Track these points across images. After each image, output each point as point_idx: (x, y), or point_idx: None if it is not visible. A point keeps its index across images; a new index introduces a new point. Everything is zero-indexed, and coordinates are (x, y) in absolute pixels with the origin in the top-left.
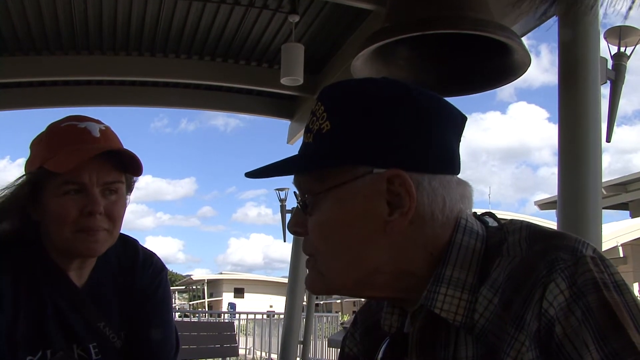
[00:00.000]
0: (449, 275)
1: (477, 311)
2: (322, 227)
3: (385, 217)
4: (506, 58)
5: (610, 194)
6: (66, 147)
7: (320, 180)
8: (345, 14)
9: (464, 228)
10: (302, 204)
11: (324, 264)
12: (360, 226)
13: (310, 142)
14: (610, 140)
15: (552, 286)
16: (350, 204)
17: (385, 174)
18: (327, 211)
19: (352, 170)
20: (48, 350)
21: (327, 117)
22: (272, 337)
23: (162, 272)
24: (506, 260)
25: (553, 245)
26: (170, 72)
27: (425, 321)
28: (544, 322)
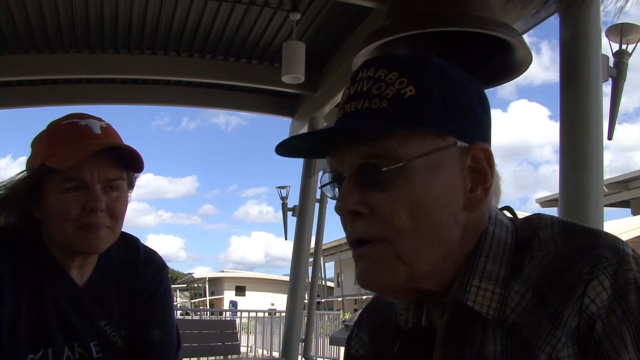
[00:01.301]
0: (482, 268)
1: (508, 305)
2: (408, 202)
3: (467, 192)
4: (507, 56)
5: (611, 191)
6: (67, 144)
7: (405, 147)
8: (347, 12)
9: (495, 219)
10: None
11: (407, 248)
12: (448, 201)
13: (383, 107)
14: (612, 137)
15: (595, 283)
16: (436, 175)
17: (472, 147)
18: (416, 183)
19: (437, 140)
20: (49, 349)
21: (408, 82)
22: (274, 335)
23: (163, 270)
24: (539, 256)
25: (594, 243)
26: (171, 70)
27: (454, 314)
28: (585, 319)
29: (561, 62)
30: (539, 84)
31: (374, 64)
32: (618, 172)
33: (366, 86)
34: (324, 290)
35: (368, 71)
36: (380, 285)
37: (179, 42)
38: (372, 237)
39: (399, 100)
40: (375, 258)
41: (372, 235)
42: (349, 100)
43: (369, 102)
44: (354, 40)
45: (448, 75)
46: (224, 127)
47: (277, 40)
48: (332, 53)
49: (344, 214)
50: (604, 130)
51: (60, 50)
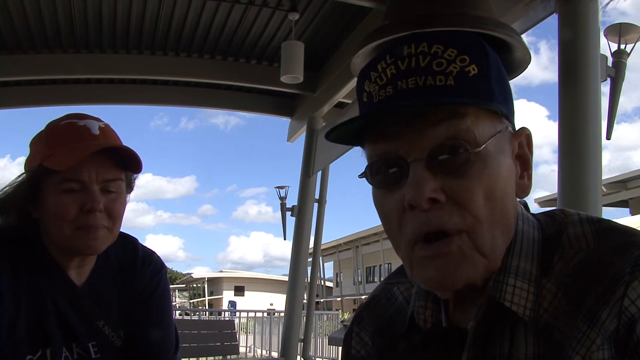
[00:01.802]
0: (516, 265)
1: (541, 306)
2: (484, 188)
3: (517, 179)
4: (506, 55)
5: (610, 191)
6: (66, 144)
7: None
8: (345, 11)
9: (522, 215)
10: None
11: (486, 239)
12: (510, 187)
13: (450, 84)
14: (610, 137)
15: (636, 284)
16: (502, 159)
17: (519, 132)
18: (488, 168)
19: (496, 122)
20: (48, 349)
21: (470, 60)
22: (273, 335)
23: (162, 270)
24: (569, 253)
25: (632, 242)
26: (170, 70)
27: (486, 315)
28: (624, 320)
29: (560, 61)
30: (538, 83)
31: (425, 39)
32: (616, 172)
33: (423, 61)
34: (323, 290)
35: (419, 46)
36: (460, 284)
37: (177, 42)
38: (451, 228)
39: (465, 78)
40: (457, 254)
41: (451, 226)
42: (402, 76)
43: (432, 79)
44: (352, 40)
45: (496, 58)
46: (223, 127)
47: (275, 40)
48: (330, 53)
49: (423, 203)
50: (603, 130)
51: (58, 50)
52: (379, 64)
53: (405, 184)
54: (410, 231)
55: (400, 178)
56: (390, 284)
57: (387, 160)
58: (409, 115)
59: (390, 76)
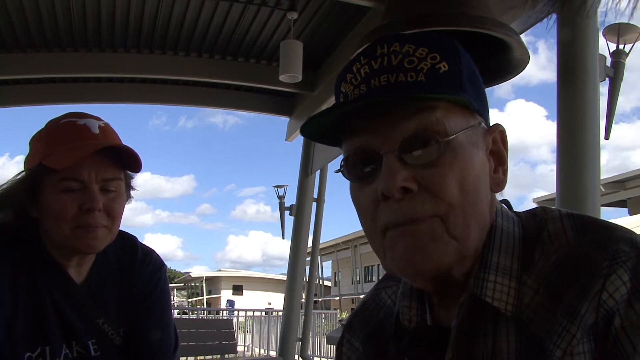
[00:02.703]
0: (496, 262)
1: (522, 301)
2: (456, 176)
3: (492, 173)
4: (505, 55)
5: (608, 191)
6: (65, 143)
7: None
8: (344, 11)
9: (501, 212)
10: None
11: (459, 223)
12: (483, 178)
13: (421, 80)
14: (609, 137)
15: (614, 278)
16: (474, 151)
17: (493, 128)
18: (460, 157)
19: (469, 117)
20: (47, 347)
21: (440, 58)
22: (271, 334)
23: (161, 269)
24: (550, 249)
25: (611, 237)
26: (168, 69)
27: (468, 312)
28: (602, 313)
29: (558, 61)
30: (536, 83)
31: (397, 40)
32: (615, 172)
33: (395, 60)
34: (321, 290)
35: (391, 46)
36: (428, 266)
37: (176, 41)
38: (421, 214)
39: (435, 75)
40: (427, 234)
41: (423, 213)
42: (375, 75)
43: (404, 76)
44: (351, 40)
45: (467, 56)
46: (222, 126)
47: (274, 39)
48: (329, 52)
49: (395, 192)
50: (601, 130)
51: (57, 49)
52: (354, 66)
53: (379, 176)
54: (384, 220)
55: (374, 171)
56: (378, 289)
57: (361, 155)
58: (380, 110)
59: (364, 75)
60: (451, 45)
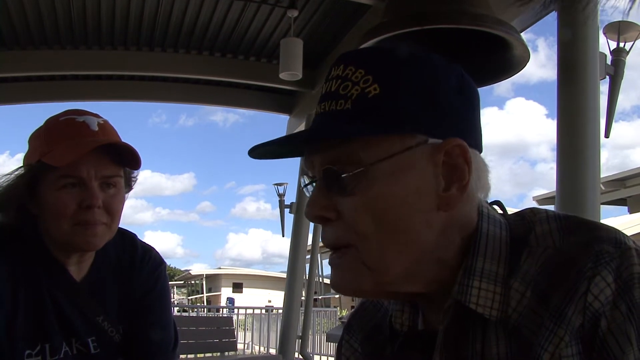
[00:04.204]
0: (481, 267)
1: (510, 305)
2: (372, 207)
3: (441, 192)
4: (505, 53)
5: (608, 189)
6: (64, 140)
7: (367, 151)
8: (344, 8)
9: (487, 216)
10: (338, 182)
11: (373, 254)
12: (417, 203)
13: (347, 108)
14: (609, 135)
15: (598, 279)
16: (404, 177)
17: (444, 144)
18: (380, 187)
19: (404, 139)
20: (47, 344)
21: (373, 80)
22: (271, 332)
23: (161, 266)
24: (537, 252)
25: (595, 237)
26: (168, 67)
27: (454, 317)
28: (589, 316)
29: (559, 59)
30: (536, 81)
31: (344, 61)
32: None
33: (334, 86)
34: (321, 287)
35: (337, 69)
36: (351, 292)
37: (176, 38)
38: (339, 243)
39: (362, 101)
40: (344, 265)
41: (339, 241)
42: (320, 101)
43: (335, 103)
44: (351, 37)
45: (419, 69)
46: (222, 124)
47: (274, 37)
48: (329, 50)
49: (311, 219)
50: (601, 128)
51: (57, 46)
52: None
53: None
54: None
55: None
56: None
57: (308, 177)
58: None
59: (320, 99)
60: (391, 63)
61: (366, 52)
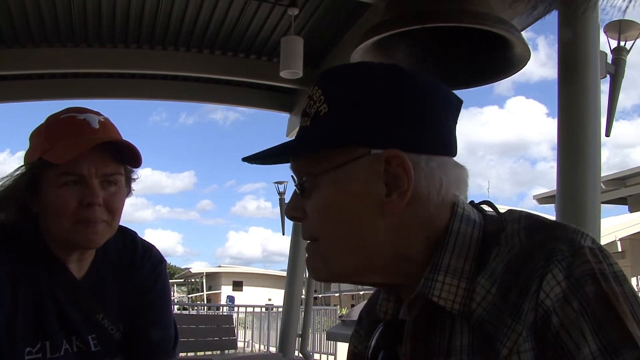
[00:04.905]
0: (447, 263)
1: (474, 300)
2: (321, 210)
3: (383, 198)
4: (506, 52)
5: (608, 188)
6: (65, 138)
7: (319, 163)
8: (345, 7)
9: (461, 216)
10: (300, 188)
11: (327, 249)
12: (359, 208)
13: (308, 125)
14: (610, 134)
15: (549, 277)
16: (349, 185)
17: (383, 154)
18: (326, 193)
19: (351, 151)
20: (47, 342)
21: (324, 100)
22: (271, 330)
23: (161, 264)
24: (505, 250)
25: (551, 236)
26: (169, 65)
27: (422, 309)
28: (541, 313)
29: (559, 58)
30: (536, 80)
31: (314, 80)
32: (615, 169)
33: (306, 104)
34: (321, 286)
35: (310, 89)
36: (315, 278)
37: (177, 36)
38: (306, 237)
39: (317, 119)
40: (310, 255)
41: (305, 236)
42: (301, 116)
43: (303, 121)
44: (352, 36)
45: (361, 86)
46: (222, 122)
47: (275, 35)
48: (330, 48)
49: (288, 218)
50: (602, 127)
51: (57, 44)
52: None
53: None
54: None
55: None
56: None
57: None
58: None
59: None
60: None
61: (327, 72)
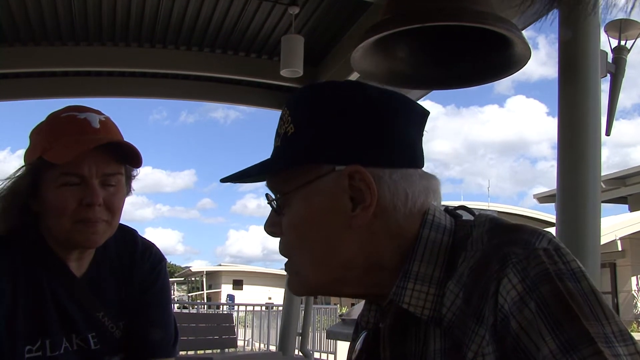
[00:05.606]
0: (416, 271)
1: (444, 305)
2: (292, 226)
3: (349, 212)
4: (506, 51)
5: (609, 187)
6: (66, 137)
7: (289, 181)
8: (346, 5)
9: (431, 223)
10: (274, 205)
11: (298, 263)
12: (327, 223)
13: (278, 145)
14: (610, 133)
15: (505, 281)
16: (316, 201)
17: (345, 170)
18: (296, 210)
19: (316, 169)
20: (47, 340)
21: (291, 120)
22: (271, 328)
23: (161, 262)
24: (470, 254)
25: (507, 240)
26: (169, 64)
27: (395, 316)
28: (500, 317)
29: (560, 57)
30: (536, 79)
31: (285, 102)
32: (615, 169)
33: (279, 124)
34: None
35: (282, 110)
36: (292, 292)
37: (177, 35)
38: (282, 254)
39: (285, 139)
40: (287, 271)
41: (282, 252)
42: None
43: (276, 141)
44: (352, 35)
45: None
46: (223, 121)
47: (275, 33)
48: (330, 47)
49: (267, 233)
50: (602, 126)
51: (58, 42)
52: None
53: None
54: None
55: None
56: None
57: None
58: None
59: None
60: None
61: (295, 94)
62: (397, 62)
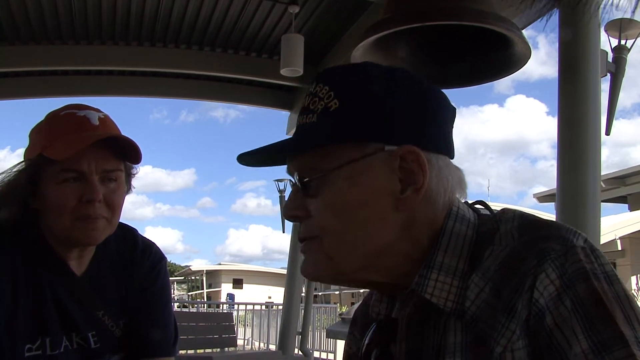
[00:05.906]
0: (440, 261)
1: (468, 298)
2: (330, 206)
3: (398, 194)
4: (506, 50)
5: (608, 187)
6: (65, 135)
7: (326, 159)
8: (346, 5)
9: (456, 215)
10: (305, 186)
11: (333, 245)
12: (374, 204)
13: (313, 121)
14: (610, 133)
15: (543, 276)
16: (363, 181)
17: (398, 150)
18: (337, 190)
19: (362, 147)
20: (47, 339)
21: (334, 95)
22: (271, 327)
23: (161, 261)
24: (498, 249)
25: (544, 235)
26: (170, 63)
27: (416, 306)
28: (535, 311)
29: (560, 57)
30: (536, 79)
31: (316, 79)
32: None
33: (307, 101)
34: (321, 284)
35: (311, 86)
36: (313, 277)
37: (177, 34)
38: (306, 235)
39: (325, 114)
40: (309, 253)
41: (308, 234)
42: (298, 115)
43: (306, 117)
44: (352, 34)
45: (374, 84)
46: (223, 120)
47: (275, 33)
48: (330, 46)
49: (287, 218)
50: (602, 125)
51: (58, 41)
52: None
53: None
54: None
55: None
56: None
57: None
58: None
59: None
60: (350, 80)
61: (333, 71)
62: (397, 61)
